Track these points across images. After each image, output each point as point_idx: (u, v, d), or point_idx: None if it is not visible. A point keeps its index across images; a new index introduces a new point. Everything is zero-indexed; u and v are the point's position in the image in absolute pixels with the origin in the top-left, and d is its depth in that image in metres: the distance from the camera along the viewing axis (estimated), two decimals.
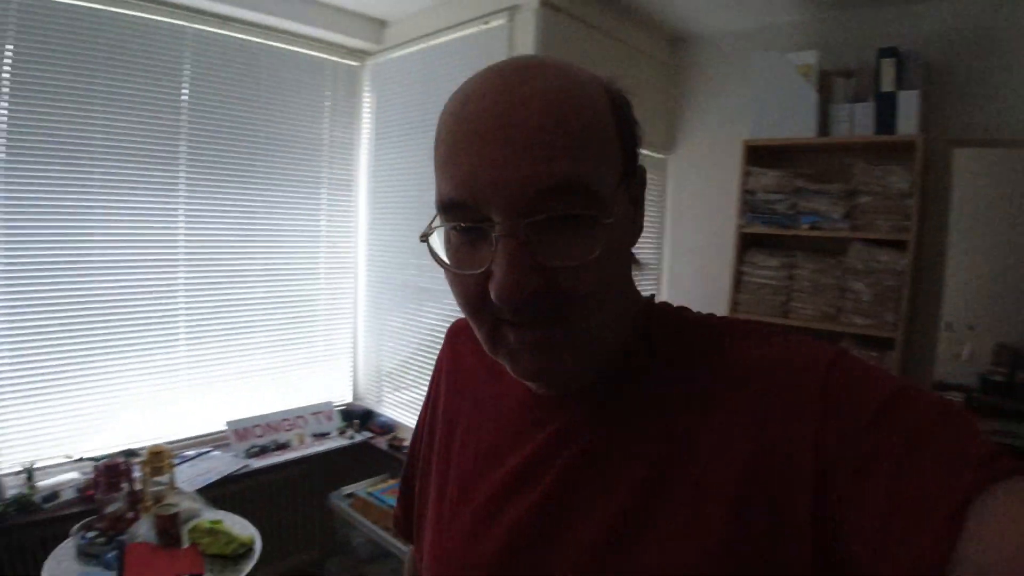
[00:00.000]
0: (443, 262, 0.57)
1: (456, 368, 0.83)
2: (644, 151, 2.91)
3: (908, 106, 2.51)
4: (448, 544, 0.70)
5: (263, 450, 2.91)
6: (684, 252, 3.44)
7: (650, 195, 3.24)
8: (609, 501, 0.57)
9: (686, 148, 3.41)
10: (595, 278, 0.54)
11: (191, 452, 2.79)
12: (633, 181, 0.59)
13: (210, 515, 2.37)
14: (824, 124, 2.73)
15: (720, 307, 2.94)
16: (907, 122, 2.51)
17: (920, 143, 2.45)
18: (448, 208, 0.54)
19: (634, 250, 0.64)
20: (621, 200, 0.56)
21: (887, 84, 2.55)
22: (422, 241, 0.57)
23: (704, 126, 3.33)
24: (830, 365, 0.52)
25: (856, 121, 2.65)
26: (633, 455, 0.58)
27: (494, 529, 0.65)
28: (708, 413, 0.55)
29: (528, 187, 0.50)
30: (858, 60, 2.66)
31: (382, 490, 2.90)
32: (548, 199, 0.51)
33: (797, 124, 2.74)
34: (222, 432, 2.91)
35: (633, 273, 0.66)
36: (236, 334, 3.01)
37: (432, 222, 0.57)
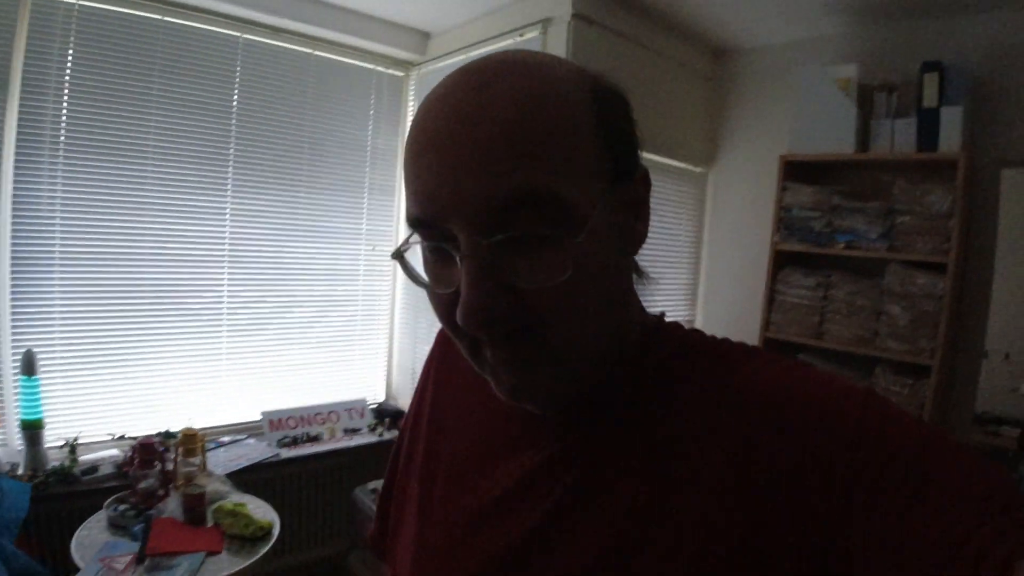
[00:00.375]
0: (419, 279, 0.55)
1: (446, 376, 0.78)
2: (684, 164, 2.88)
3: (951, 123, 2.41)
4: (427, 565, 0.67)
5: (295, 441, 3.04)
6: (720, 267, 3.39)
7: (689, 209, 3.19)
8: (597, 534, 0.53)
9: (726, 162, 3.36)
10: (569, 298, 0.49)
11: (226, 438, 2.95)
12: (628, 186, 0.54)
13: (236, 498, 2.49)
14: (863, 140, 2.65)
15: (753, 326, 2.88)
16: (950, 139, 2.41)
17: (963, 161, 2.35)
18: (414, 225, 0.51)
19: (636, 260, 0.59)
20: (607, 208, 0.51)
21: (929, 99, 2.46)
22: (394, 259, 0.55)
23: (744, 140, 3.28)
24: (861, 406, 0.48)
25: (896, 137, 2.55)
26: (627, 485, 0.54)
27: (474, 556, 0.61)
28: (715, 444, 0.51)
29: (486, 203, 0.47)
30: (900, 74, 2.57)
31: None
32: (508, 215, 0.47)
33: (836, 139, 2.66)
34: (257, 421, 3.06)
35: (637, 285, 0.61)
36: (276, 329, 3.16)
37: (409, 238, 0.54)
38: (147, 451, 2.47)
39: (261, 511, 2.44)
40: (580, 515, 0.55)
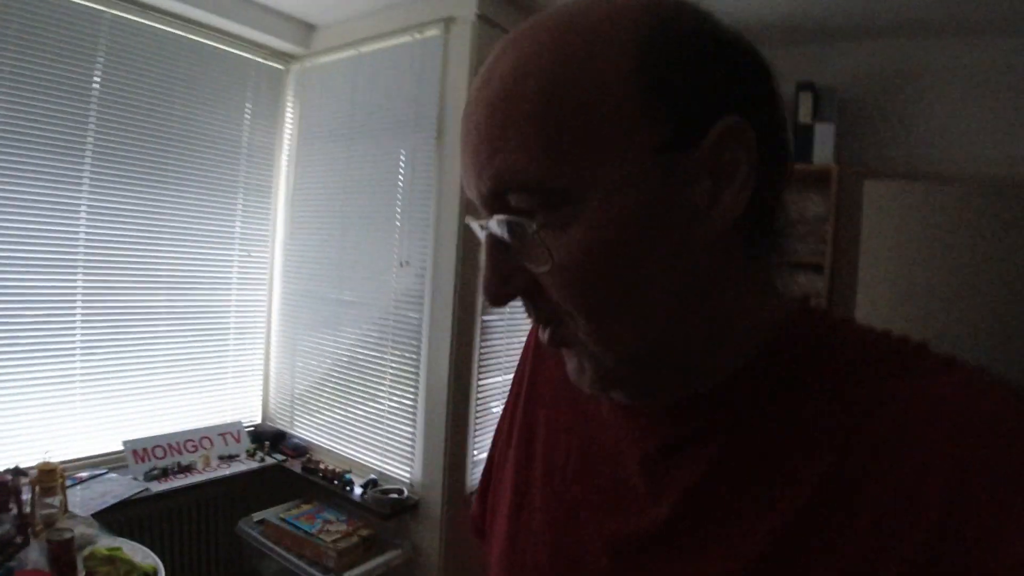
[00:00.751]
0: None
1: (543, 356, 0.73)
2: None
3: (824, 138, 2.66)
4: (521, 558, 0.63)
5: (165, 472, 2.66)
6: None
7: None
8: (725, 559, 0.47)
9: None
10: (574, 286, 0.46)
11: (85, 473, 2.51)
12: (697, 145, 0.44)
13: (107, 542, 2.14)
14: None
15: None
16: (823, 152, 2.66)
17: (835, 173, 2.60)
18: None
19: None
20: (640, 181, 0.43)
21: (804, 116, 2.70)
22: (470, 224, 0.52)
23: None
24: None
25: None
26: (761, 497, 0.46)
27: (579, 548, 0.57)
28: (870, 465, 0.42)
29: (477, 188, 0.47)
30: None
31: (296, 516, 2.71)
32: (499, 200, 0.46)
33: None
34: (118, 452, 2.64)
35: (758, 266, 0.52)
36: (138, 346, 2.76)
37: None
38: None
39: (140, 555, 2.13)
40: (704, 519, 0.49)
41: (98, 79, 2.52)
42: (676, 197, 0.44)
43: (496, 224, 0.47)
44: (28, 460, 2.27)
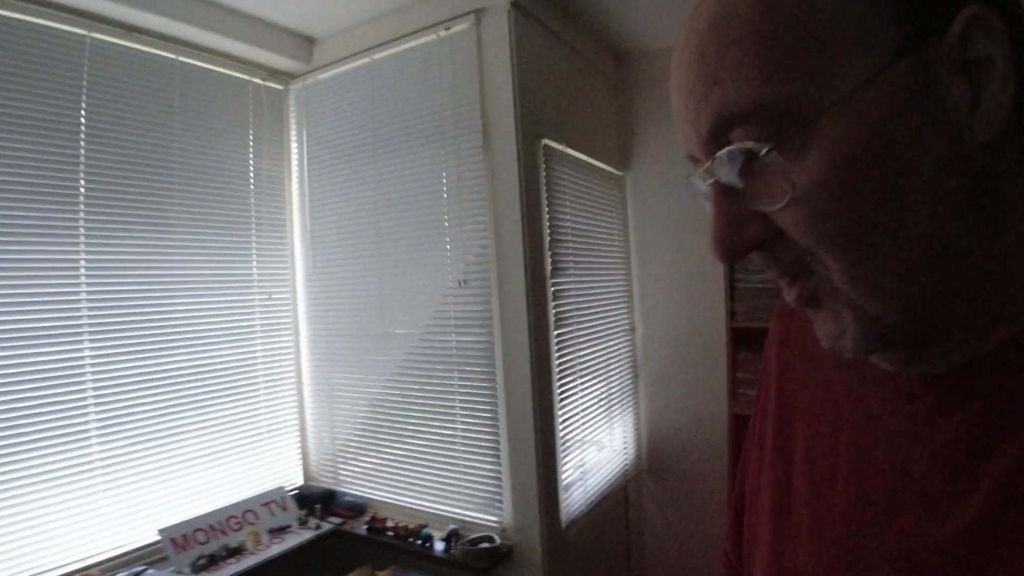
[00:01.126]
0: None
1: (789, 354, 0.65)
2: (604, 165, 2.65)
3: None
4: (794, 569, 0.56)
5: (212, 560, 2.24)
6: (654, 269, 3.25)
7: (611, 211, 2.99)
8: None
9: (643, 165, 3.29)
10: (819, 222, 0.40)
11: (122, 574, 2.07)
12: (936, 45, 0.38)
13: None
14: None
15: (718, 318, 2.80)
16: None
17: None
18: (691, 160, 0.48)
19: None
20: (883, 87, 0.37)
21: None
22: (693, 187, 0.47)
23: (659, 143, 3.24)
24: None
25: None
26: None
27: (868, 567, 0.48)
28: None
29: (697, 133, 0.44)
30: None
31: None
32: (722, 140, 0.42)
33: None
34: (155, 542, 2.21)
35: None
36: (161, 416, 2.33)
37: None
38: None
39: None
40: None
41: (84, 115, 2.14)
42: (927, 102, 0.38)
43: (721, 165, 0.42)
44: (55, 569, 1.86)
